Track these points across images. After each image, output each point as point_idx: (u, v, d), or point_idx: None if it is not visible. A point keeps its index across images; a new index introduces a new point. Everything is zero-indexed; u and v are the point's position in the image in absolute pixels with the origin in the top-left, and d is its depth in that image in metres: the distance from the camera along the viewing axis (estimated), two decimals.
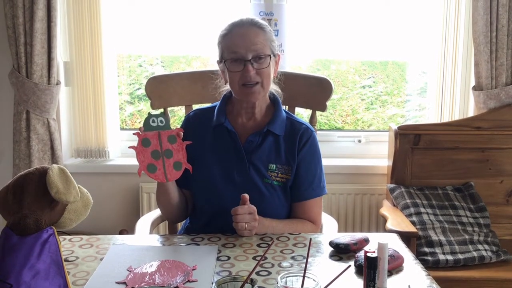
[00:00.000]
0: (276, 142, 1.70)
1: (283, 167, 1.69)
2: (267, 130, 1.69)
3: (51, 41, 2.49)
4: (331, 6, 2.88)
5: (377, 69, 3.34)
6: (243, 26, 1.64)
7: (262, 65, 1.62)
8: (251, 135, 1.69)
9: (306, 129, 1.73)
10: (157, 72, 3.15)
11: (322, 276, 1.13)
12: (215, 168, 1.68)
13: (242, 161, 1.68)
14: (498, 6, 2.46)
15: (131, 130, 3.05)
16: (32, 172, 1.14)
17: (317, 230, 1.74)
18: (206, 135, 1.72)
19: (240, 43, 1.61)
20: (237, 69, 1.62)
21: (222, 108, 1.74)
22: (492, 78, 2.52)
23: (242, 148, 1.68)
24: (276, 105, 1.74)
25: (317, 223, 1.75)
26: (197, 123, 1.76)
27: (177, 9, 2.89)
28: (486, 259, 2.27)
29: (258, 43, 1.62)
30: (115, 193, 2.76)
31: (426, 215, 2.37)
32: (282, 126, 1.71)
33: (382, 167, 2.69)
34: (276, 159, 1.69)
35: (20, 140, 2.57)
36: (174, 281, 1.26)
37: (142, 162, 1.50)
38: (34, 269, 1.06)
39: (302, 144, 1.70)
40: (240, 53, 1.61)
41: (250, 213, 1.54)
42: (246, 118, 1.72)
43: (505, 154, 2.54)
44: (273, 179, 1.68)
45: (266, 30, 1.67)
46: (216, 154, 1.70)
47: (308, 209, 1.72)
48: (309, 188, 1.71)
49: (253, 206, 1.55)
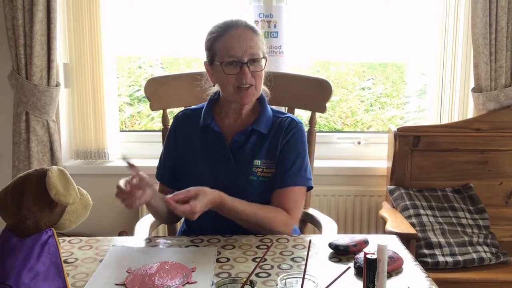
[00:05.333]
0: (260, 139, 1.70)
1: (267, 161, 1.69)
2: (252, 129, 1.69)
3: (50, 42, 2.49)
4: (330, 8, 2.88)
5: (377, 70, 3.34)
6: (238, 28, 1.65)
7: (257, 68, 1.64)
8: (236, 135, 1.70)
9: (291, 121, 1.73)
10: (156, 74, 3.15)
11: (321, 277, 1.13)
12: (202, 169, 1.70)
13: (228, 161, 1.69)
14: (497, 8, 2.46)
15: (131, 131, 3.05)
16: (31, 174, 1.14)
17: (290, 222, 1.66)
18: (194, 135, 1.74)
19: (236, 45, 1.62)
20: (233, 72, 1.63)
21: (209, 110, 1.75)
22: (491, 80, 2.52)
23: (228, 148, 1.69)
24: (262, 104, 1.75)
25: (292, 213, 1.66)
26: (186, 123, 1.78)
27: (176, 11, 2.90)
28: (485, 261, 2.27)
29: (254, 47, 1.63)
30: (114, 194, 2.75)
31: (425, 216, 2.37)
32: (268, 124, 1.71)
33: (381, 169, 2.69)
34: (260, 155, 1.69)
35: (19, 142, 2.57)
36: (173, 282, 1.26)
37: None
38: (33, 271, 1.06)
39: (285, 134, 1.70)
40: (237, 56, 1.62)
41: (190, 213, 1.47)
42: (233, 119, 1.73)
43: (504, 155, 2.54)
44: (259, 175, 1.67)
45: (258, 33, 1.68)
46: (203, 154, 1.71)
47: (283, 197, 1.66)
48: (285, 175, 1.67)
49: (196, 207, 1.45)
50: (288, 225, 1.65)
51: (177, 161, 1.76)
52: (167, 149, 1.81)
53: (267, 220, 1.61)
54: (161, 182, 1.82)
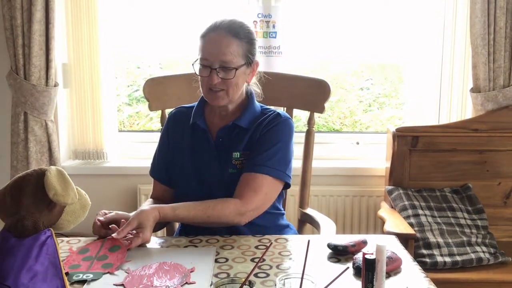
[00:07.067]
0: (242, 132, 1.71)
1: (246, 153, 1.69)
2: (233, 123, 1.70)
3: (49, 42, 2.49)
4: (329, 8, 2.88)
5: (375, 71, 3.34)
6: (217, 32, 1.64)
7: (227, 76, 1.63)
8: (219, 131, 1.72)
9: (276, 115, 1.72)
10: (155, 74, 3.15)
11: (320, 278, 1.13)
12: (189, 166, 1.72)
13: (213, 157, 1.70)
14: (495, 8, 2.46)
15: (129, 132, 3.05)
16: (30, 174, 1.14)
17: (243, 209, 1.58)
18: (185, 133, 1.77)
19: (210, 50, 1.63)
20: (203, 74, 1.65)
21: (200, 107, 1.77)
22: (489, 80, 2.52)
23: (213, 144, 1.71)
24: (249, 101, 1.75)
25: (245, 200, 1.59)
26: (179, 121, 1.80)
27: (175, 11, 2.89)
28: (484, 261, 2.27)
29: (228, 54, 1.62)
30: (113, 195, 2.76)
31: (424, 217, 2.37)
32: (251, 119, 1.71)
33: (380, 169, 2.69)
34: (239, 147, 1.69)
35: (18, 142, 2.57)
36: (172, 283, 1.26)
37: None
38: (32, 271, 1.06)
39: (266, 126, 1.70)
40: (209, 61, 1.63)
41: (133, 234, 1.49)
42: (220, 116, 1.75)
43: (502, 156, 2.54)
44: (239, 167, 1.68)
45: (240, 37, 1.64)
46: (191, 152, 1.74)
47: (242, 183, 1.62)
48: (252, 161, 1.65)
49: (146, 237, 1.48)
50: (241, 213, 1.58)
51: (169, 158, 1.79)
52: (160, 147, 1.83)
53: (216, 215, 1.57)
54: (155, 179, 1.83)
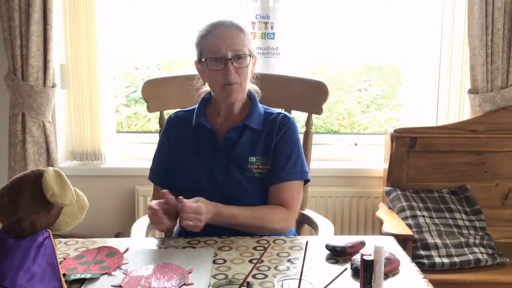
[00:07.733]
0: (254, 135, 1.71)
1: (262, 158, 1.70)
2: (243, 124, 1.71)
3: (47, 43, 2.48)
4: (327, 9, 2.88)
5: (373, 72, 3.34)
6: (223, 26, 1.67)
7: (242, 64, 1.65)
8: (228, 132, 1.71)
9: (284, 117, 1.75)
10: (153, 75, 3.15)
11: (318, 279, 1.13)
12: (197, 168, 1.71)
13: (222, 158, 1.70)
14: (493, 10, 2.47)
15: (127, 133, 3.04)
16: (27, 175, 1.14)
17: (290, 216, 1.70)
18: (187, 136, 1.75)
19: (220, 42, 1.64)
20: (217, 68, 1.64)
21: (201, 109, 1.77)
22: (487, 82, 2.53)
23: (222, 145, 1.70)
24: (253, 101, 1.76)
25: (291, 208, 1.69)
26: (179, 124, 1.79)
27: (173, 12, 2.89)
28: (481, 262, 2.27)
29: (239, 43, 1.65)
30: (111, 196, 2.75)
31: (422, 218, 2.37)
32: (260, 120, 1.73)
33: (378, 170, 2.69)
34: (255, 151, 1.70)
35: (15, 143, 2.57)
36: (170, 284, 1.26)
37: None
38: (29, 272, 1.06)
39: (278, 131, 1.72)
40: (221, 52, 1.63)
41: (197, 213, 1.51)
42: (225, 116, 1.74)
43: (500, 157, 2.55)
44: (255, 171, 1.69)
45: (245, 31, 1.70)
46: (197, 154, 1.72)
47: (281, 192, 1.69)
48: (282, 170, 1.69)
49: (201, 207, 1.52)
50: (287, 220, 1.69)
51: (171, 162, 1.77)
52: (160, 151, 1.82)
53: (267, 219, 1.63)
54: (155, 184, 1.81)
